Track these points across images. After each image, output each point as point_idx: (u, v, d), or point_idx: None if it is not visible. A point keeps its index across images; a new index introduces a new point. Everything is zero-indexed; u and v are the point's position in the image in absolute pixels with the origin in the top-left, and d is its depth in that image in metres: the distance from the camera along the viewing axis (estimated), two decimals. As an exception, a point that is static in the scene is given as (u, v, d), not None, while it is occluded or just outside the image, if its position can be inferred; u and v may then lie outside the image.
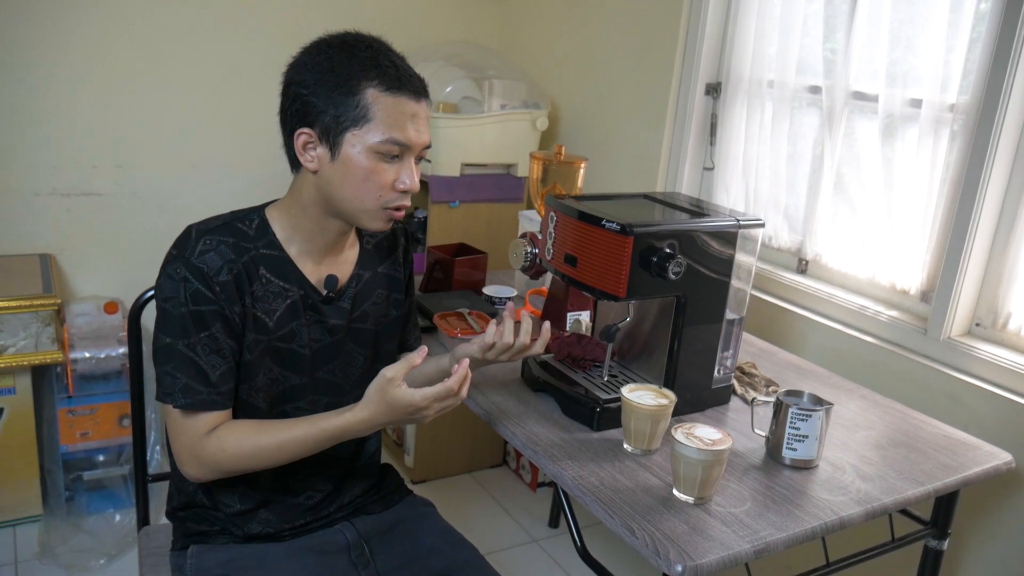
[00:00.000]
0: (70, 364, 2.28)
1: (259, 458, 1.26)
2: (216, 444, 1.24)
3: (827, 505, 1.26)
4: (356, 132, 1.21)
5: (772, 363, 1.82)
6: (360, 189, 1.24)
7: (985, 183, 1.66)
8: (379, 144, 1.22)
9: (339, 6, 2.73)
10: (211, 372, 1.24)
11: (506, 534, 2.53)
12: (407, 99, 1.23)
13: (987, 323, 1.76)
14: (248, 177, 2.71)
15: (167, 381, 1.24)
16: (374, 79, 1.21)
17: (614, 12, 2.51)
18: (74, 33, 2.39)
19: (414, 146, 1.25)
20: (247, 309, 1.27)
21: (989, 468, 1.44)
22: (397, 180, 1.25)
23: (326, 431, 1.24)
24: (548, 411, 1.50)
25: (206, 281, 1.22)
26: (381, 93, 1.21)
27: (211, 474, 1.27)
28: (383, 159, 1.23)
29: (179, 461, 1.27)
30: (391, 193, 1.26)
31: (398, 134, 1.22)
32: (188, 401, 1.23)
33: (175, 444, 1.26)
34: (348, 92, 1.20)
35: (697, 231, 1.42)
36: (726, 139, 2.27)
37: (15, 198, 2.43)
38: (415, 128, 1.24)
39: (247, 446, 1.24)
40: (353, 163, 1.22)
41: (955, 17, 1.72)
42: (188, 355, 1.23)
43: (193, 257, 1.23)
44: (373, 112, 1.21)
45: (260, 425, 1.27)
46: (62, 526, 2.34)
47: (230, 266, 1.24)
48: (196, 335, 1.23)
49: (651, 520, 1.18)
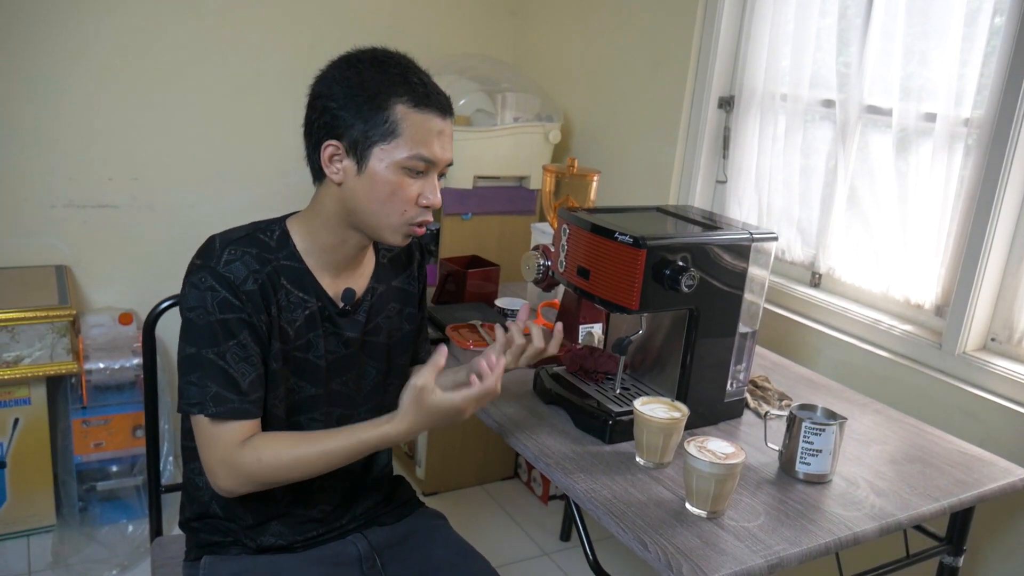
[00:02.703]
0: (85, 375, 2.30)
1: (296, 469, 1.24)
2: (252, 455, 1.22)
3: (841, 520, 1.25)
4: (384, 147, 1.23)
5: (785, 377, 1.81)
6: (385, 204, 1.25)
7: (1000, 197, 1.65)
8: (406, 160, 1.23)
9: (353, 21, 2.75)
10: (241, 380, 1.23)
11: (517, 547, 2.53)
12: (434, 116, 1.25)
13: (1002, 338, 1.74)
14: (263, 189, 2.73)
15: (195, 391, 1.23)
16: (403, 95, 1.22)
17: (627, 26, 2.52)
18: (91, 47, 2.42)
19: (439, 162, 1.27)
20: (273, 319, 1.27)
21: (1005, 484, 1.43)
22: (421, 196, 1.26)
23: (365, 442, 1.23)
24: (560, 423, 1.50)
25: (233, 290, 1.23)
26: (410, 110, 1.22)
27: (245, 486, 1.24)
28: (408, 174, 1.24)
29: (212, 474, 1.24)
30: (414, 209, 1.27)
31: (425, 150, 1.24)
32: (219, 410, 1.22)
33: (207, 456, 1.24)
34: (377, 107, 1.22)
35: (710, 244, 1.41)
36: (739, 152, 2.27)
37: (32, 210, 2.46)
38: (440, 145, 1.26)
39: (285, 457, 1.23)
40: (379, 177, 1.24)
41: (970, 31, 1.71)
42: (217, 363, 1.22)
43: (219, 266, 1.23)
44: (402, 128, 1.22)
45: (296, 436, 1.27)
46: (75, 536, 2.35)
47: (255, 276, 1.25)
48: (225, 343, 1.23)
49: (664, 534, 1.17)
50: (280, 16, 2.65)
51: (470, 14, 2.98)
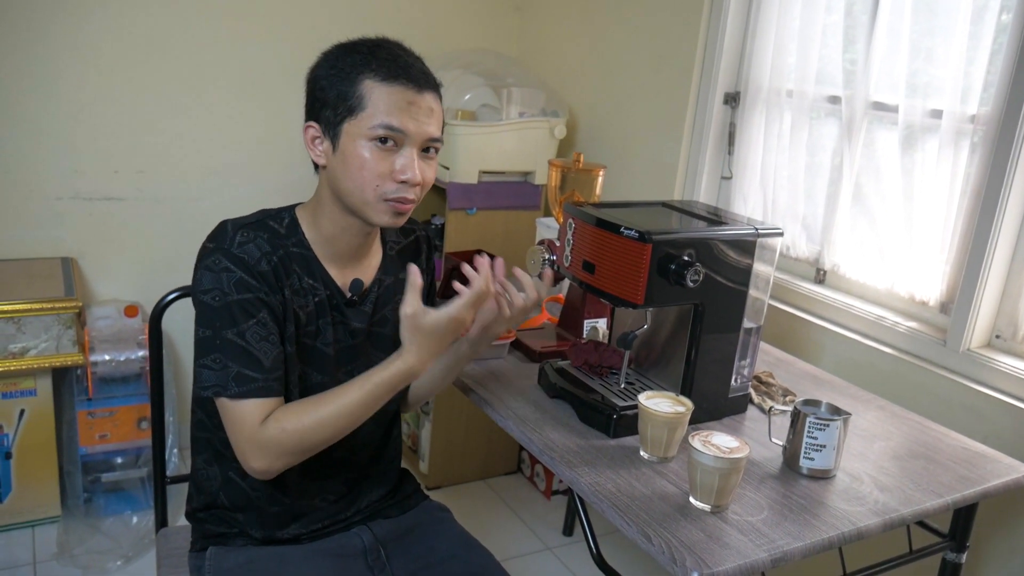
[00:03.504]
0: (90, 366, 2.30)
1: (321, 430, 1.23)
2: (275, 426, 1.21)
3: (844, 515, 1.25)
4: (352, 121, 1.23)
5: (789, 373, 1.81)
6: (358, 179, 1.24)
7: (1006, 194, 1.65)
8: (370, 131, 1.22)
9: (358, 14, 2.75)
10: (264, 358, 1.23)
11: (520, 542, 2.53)
12: (404, 88, 1.24)
13: (1007, 335, 1.75)
14: (268, 182, 2.73)
15: (211, 375, 1.22)
16: (371, 70, 1.23)
17: (633, 21, 2.52)
18: (96, 40, 2.43)
19: (411, 134, 1.24)
20: (287, 300, 1.28)
21: (1009, 481, 1.43)
22: (396, 170, 1.24)
23: (381, 385, 1.23)
24: (565, 417, 1.50)
25: (248, 270, 1.23)
26: (377, 83, 1.23)
27: (278, 460, 1.22)
28: (379, 147, 1.23)
29: (243, 456, 1.22)
30: (389, 183, 1.25)
31: (391, 119, 1.22)
32: (242, 389, 1.21)
33: (236, 438, 1.23)
34: (347, 84, 1.23)
35: (715, 239, 1.42)
36: (744, 149, 2.27)
37: (38, 202, 2.46)
38: (412, 116, 1.24)
39: (307, 420, 1.22)
40: (350, 152, 1.24)
41: (976, 28, 1.71)
42: (237, 343, 1.22)
43: (233, 248, 1.24)
44: (368, 101, 1.22)
45: (313, 399, 1.25)
46: (80, 527, 2.36)
47: (268, 258, 1.26)
48: (244, 322, 1.22)
49: (667, 527, 1.17)
50: (286, 10, 2.65)
51: (475, 9, 2.98)
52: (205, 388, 1.22)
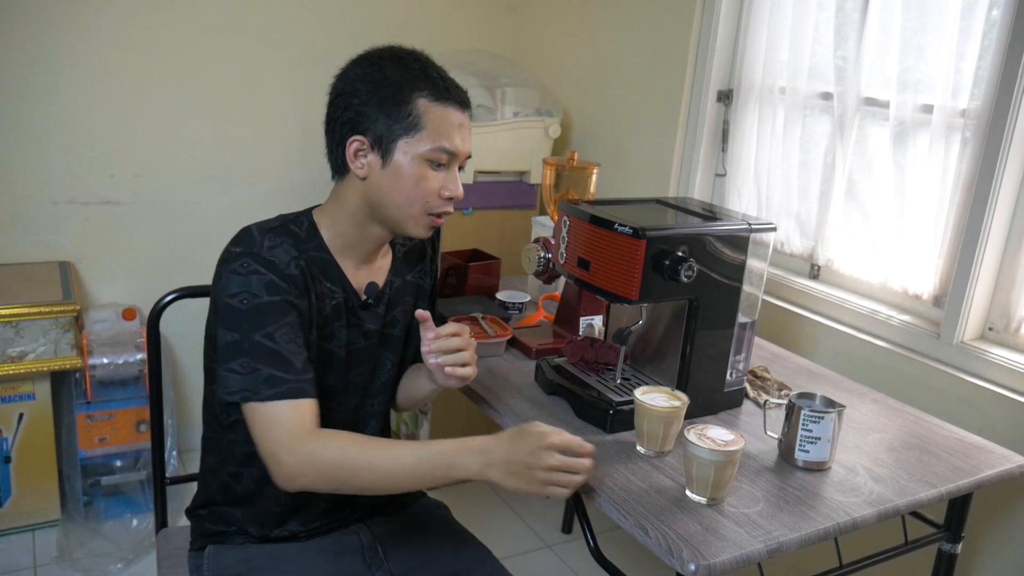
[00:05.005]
0: (89, 370, 2.31)
1: (362, 473, 1.17)
2: (317, 441, 1.17)
3: (840, 506, 1.26)
4: (408, 140, 1.25)
5: (784, 367, 1.82)
6: (409, 195, 1.27)
7: (997, 188, 1.67)
8: (429, 152, 1.25)
9: (355, 17, 2.76)
10: (295, 359, 1.21)
11: (519, 540, 2.54)
12: (454, 109, 1.27)
13: (1000, 327, 1.76)
14: (266, 186, 2.74)
15: (238, 379, 1.19)
16: (424, 90, 1.25)
17: (626, 20, 2.53)
18: (93, 43, 2.43)
19: (460, 154, 1.29)
20: (312, 305, 1.29)
21: (1002, 471, 1.44)
22: (443, 187, 1.29)
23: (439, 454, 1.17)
24: (562, 414, 1.51)
25: (279, 272, 1.24)
26: (431, 103, 1.25)
27: (309, 472, 1.16)
28: (431, 167, 1.27)
29: (275, 461, 1.16)
30: (437, 200, 1.29)
31: (447, 142, 1.26)
32: (274, 391, 1.18)
33: (266, 443, 1.17)
34: (400, 102, 1.24)
35: (709, 235, 1.43)
36: (738, 145, 2.28)
37: (35, 207, 2.47)
38: (461, 137, 1.29)
39: (352, 453, 1.17)
40: (404, 170, 1.26)
41: (966, 24, 1.73)
42: (267, 345, 1.20)
43: (263, 251, 1.24)
44: (424, 121, 1.24)
45: (365, 438, 1.21)
46: (80, 531, 2.36)
47: (296, 262, 1.26)
48: (274, 324, 1.21)
49: (664, 520, 1.18)
50: (282, 12, 2.66)
51: (470, 9, 2.99)
52: (232, 393, 1.19)
